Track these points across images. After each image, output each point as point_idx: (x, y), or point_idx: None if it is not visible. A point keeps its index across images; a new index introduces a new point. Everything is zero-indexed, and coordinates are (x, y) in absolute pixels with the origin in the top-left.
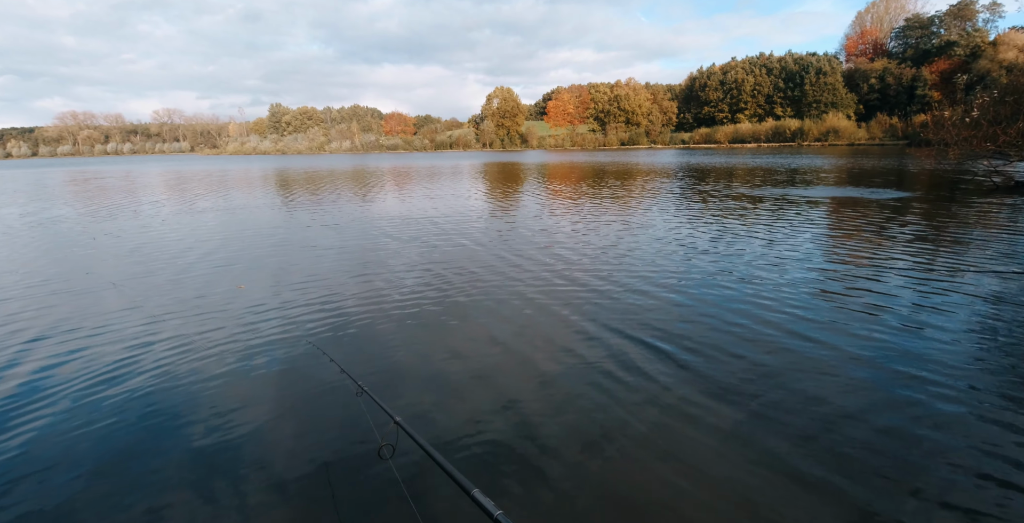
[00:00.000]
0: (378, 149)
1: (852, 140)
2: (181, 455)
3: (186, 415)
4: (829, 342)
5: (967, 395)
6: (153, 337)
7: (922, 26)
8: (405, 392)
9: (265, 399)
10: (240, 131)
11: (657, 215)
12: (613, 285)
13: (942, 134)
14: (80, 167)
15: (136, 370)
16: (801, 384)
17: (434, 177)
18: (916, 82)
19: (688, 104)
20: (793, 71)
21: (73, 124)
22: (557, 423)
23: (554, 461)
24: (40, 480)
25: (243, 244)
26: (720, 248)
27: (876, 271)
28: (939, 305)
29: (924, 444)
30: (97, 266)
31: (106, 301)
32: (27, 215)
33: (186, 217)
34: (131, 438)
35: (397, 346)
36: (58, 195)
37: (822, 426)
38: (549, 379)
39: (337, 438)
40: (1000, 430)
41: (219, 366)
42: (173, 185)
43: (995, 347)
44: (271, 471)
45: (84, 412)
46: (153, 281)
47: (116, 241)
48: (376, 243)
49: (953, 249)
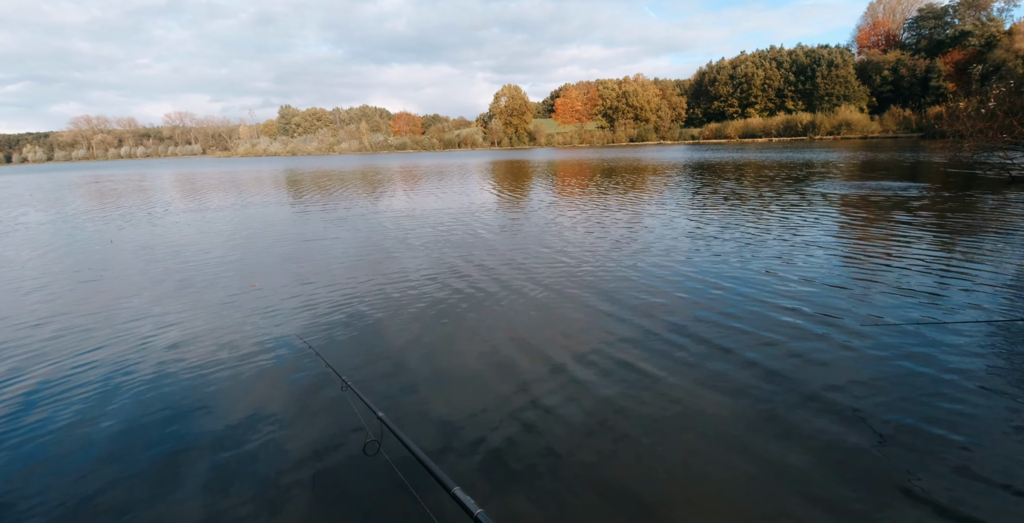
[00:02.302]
0: (387, 149)
1: (865, 133)
2: (165, 449)
3: (172, 409)
4: (839, 347)
5: (983, 395)
6: (154, 332)
7: (936, 16)
8: (396, 388)
9: (254, 395)
10: (251, 133)
11: (664, 212)
12: (608, 283)
13: (957, 126)
14: (95, 171)
15: (124, 364)
16: (810, 381)
17: (442, 176)
18: (930, 73)
19: (697, 99)
20: (804, 64)
21: (87, 129)
22: (543, 422)
23: (538, 460)
24: (21, 474)
25: (251, 244)
26: (728, 245)
27: (890, 266)
28: (951, 302)
29: (933, 444)
30: (112, 265)
31: (117, 297)
32: (46, 220)
33: (198, 218)
34: (113, 434)
35: (392, 343)
36: (74, 199)
37: (830, 429)
38: (538, 378)
39: (325, 434)
40: (1012, 431)
41: (212, 361)
42: (187, 188)
43: (1009, 347)
44: (254, 466)
45: (59, 407)
46: (160, 279)
47: (131, 243)
48: (381, 243)
49: (968, 243)
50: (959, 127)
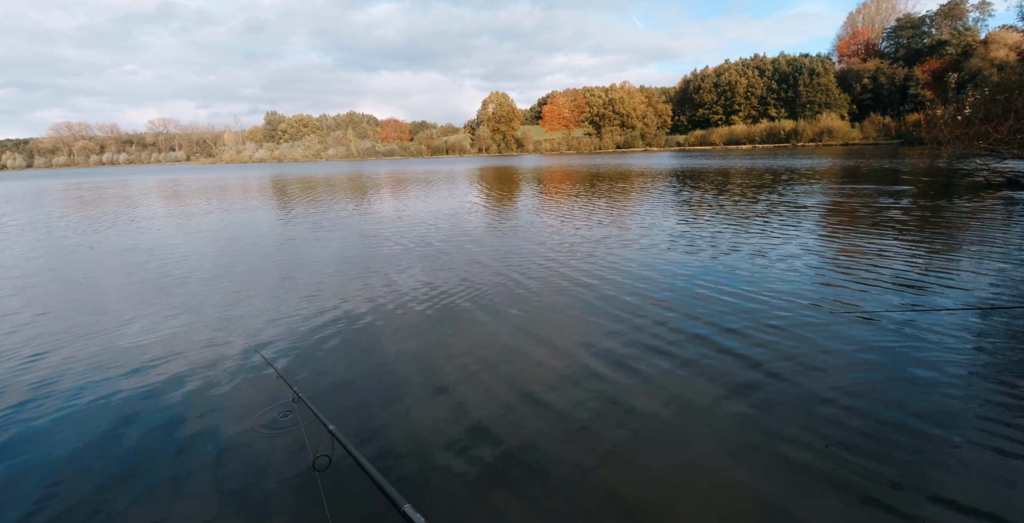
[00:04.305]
0: (374, 155)
1: (846, 140)
2: (108, 462)
3: (119, 423)
4: (826, 340)
5: (969, 390)
6: (107, 340)
7: (913, 26)
8: (350, 402)
9: (200, 406)
10: (236, 140)
11: (649, 219)
12: (585, 289)
13: (935, 133)
14: (75, 179)
15: (65, 374)
16: (799, 382)
17: (429, 183)
18: (908, 81)
19: (683, 106)
20: (786, 72)
21: (68, 135)
22: (503, 439)
23: (494, 476)
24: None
25: (232, 251)
26: (713, 248)
27: (871, 267)
28: (936, 301)
29: (924, 439)
30: (93, 273)
31: (87, 306)
32: (24, 226)
33: (180, 225)
34: (48, 447)
35: (350, 356)
36: (54, 207)
37: (820, 423)
38: (500, 393)
39: (272, 448)
40: (1003, 426)
41: (162, 372)
42: (169, 194)
43: (994, 341)
44: (196, 481)
45: (20, 423)
46: (132, 286)
47: (111, 249)
48: (363, 251)
49: (949, 246)
50: (937, 134)
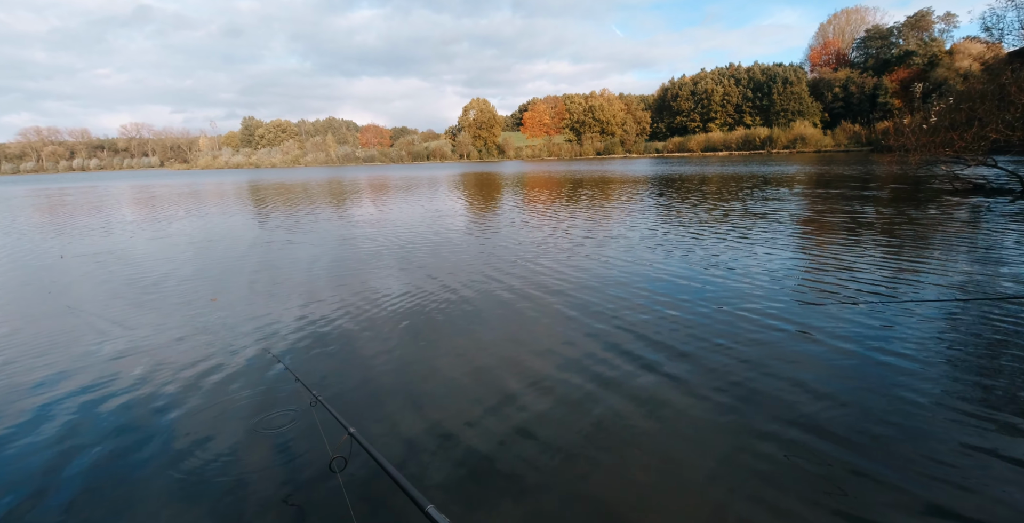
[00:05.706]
0: (354, 161)
1: (819, 147)
2: (118, 470)
3: (126, 429)
4: (805, 341)
5: (945, 385)
6: (114, 349)
7: (882, 37)
8: (366, 403)
9: (216, 410)
10: (211, 145)
11: (631, 223)
12: (584, 293)
13: (903, 140)
14: (43, 185)
15: (74, 382)
16: (781, 385)
17: (410, 189)
18: (877, 90)
19: (661, 114)
20: (760, 81)
21: (37, 140)
22: (523, 436)
23: (516, 476)
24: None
25: (211, 258)
26: (693, 252)
27: (846, 267)
28: (911, 298)
29: (906, 433)
30: (63, 285)
31: (65, 316)
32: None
33: (155, 232)
34: (62, 452)
35: (363, 357)
36: (20, 213)
37: (801, 419)
38: (516, 392)
39: (292, 450)
40: (980, 420)
41: (173, 378)
42: (142, 201)
43: (965, 337)
44: (215, 485)
45: (20, 433)
46: (119, 294)
47: (83, 258)
48: (349, 254)
49: (918, 248)
50: (904, 142)
